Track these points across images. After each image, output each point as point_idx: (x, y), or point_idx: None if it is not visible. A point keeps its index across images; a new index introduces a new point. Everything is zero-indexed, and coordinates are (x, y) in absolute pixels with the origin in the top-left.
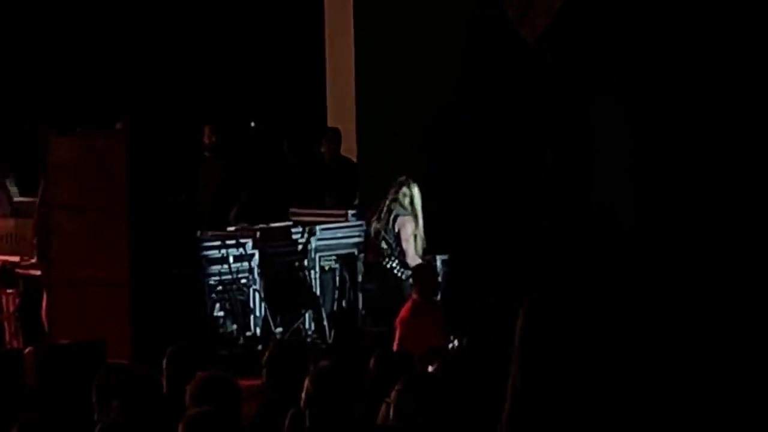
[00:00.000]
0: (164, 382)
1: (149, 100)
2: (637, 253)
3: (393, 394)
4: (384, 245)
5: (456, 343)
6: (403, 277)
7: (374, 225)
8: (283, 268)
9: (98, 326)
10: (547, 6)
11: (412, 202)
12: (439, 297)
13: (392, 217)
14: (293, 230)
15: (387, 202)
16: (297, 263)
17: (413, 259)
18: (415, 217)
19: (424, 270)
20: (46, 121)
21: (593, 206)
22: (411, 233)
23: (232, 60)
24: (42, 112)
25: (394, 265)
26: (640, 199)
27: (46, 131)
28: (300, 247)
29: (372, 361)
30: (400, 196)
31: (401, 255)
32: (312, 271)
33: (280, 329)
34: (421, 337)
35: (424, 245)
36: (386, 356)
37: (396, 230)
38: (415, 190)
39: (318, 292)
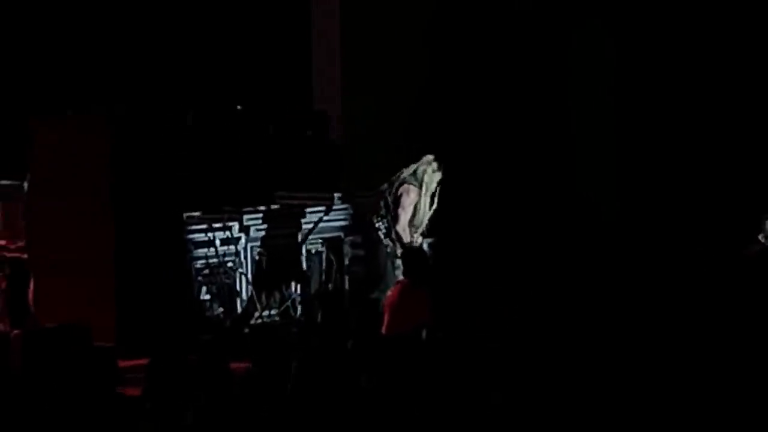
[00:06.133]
0: None
1: (134, 84)
2: (619, 244)
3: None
4: (382, 205)
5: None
6: (384, 242)
7: (383, 186)
8: (274, 250)
9: (84, 309)
10: None
11: (431, 182)
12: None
13: (399, 182)
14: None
15: (405, 171)
16: (288, 245)
17: (403, 229)
18: (427, 195)
19: (415, 253)
20: (30, 104)
21: (575, 196)
22: (412, 203)
23: (218, 43)
24: (26, 96)
25: (381, 225)
26: (623, 189)
27: (32, 115)
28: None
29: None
30: (422, 169)
31: (394, 220)
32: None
33: (267, 312)
34: (410, 320)
35: (423, 228)
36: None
37: (398, 194)
38: (437, 176)
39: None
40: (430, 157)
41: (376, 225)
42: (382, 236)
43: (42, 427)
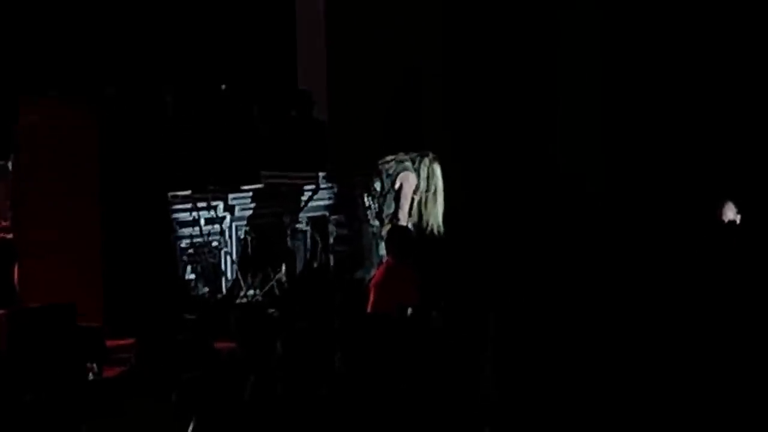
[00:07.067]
0: None
1: (119, 64)
2: (606, 220)
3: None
4: (377, 186)
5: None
6: (371, 222)
7: (381, 166)
8: (259, 229)
9: (70, 289)
10: None
11: (428, 172)
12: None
13: (399, 168)
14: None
15: (404, 155)
16: (273, 224)
17: (405, 218)
18: (426, 186)
19: (399, 231)
20: (16, 85)
21: (559, 171)
22: (411, 190)
23: (203, 22)
24: (11, 76)
25: (373, 204)
26: (609, 163)
27: (18, 95)
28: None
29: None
30: (420, 162)
31: (396, 209)
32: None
33: (252, 291)
34: (395, 299)
35: (438, 228)
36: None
37: (399, 183)
38: (438, 170)
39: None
40: (435, 163)
41: (366, 204)
42: (371, 216)
43: (28, 407)
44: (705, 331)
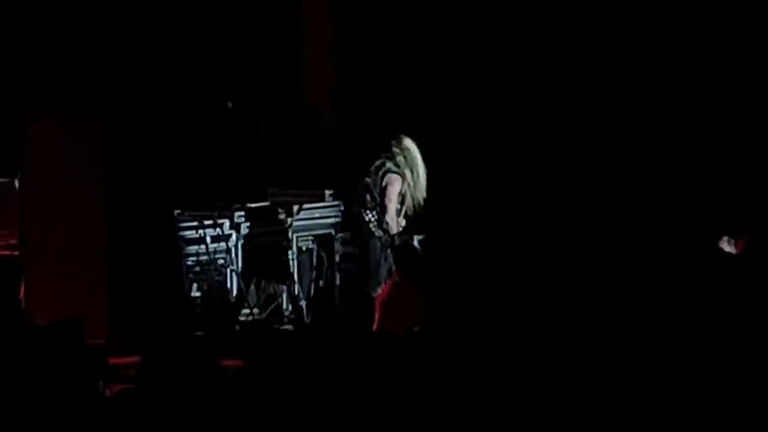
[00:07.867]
0: None
1: (124, 80)
2: (616, 234)
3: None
4: (369, 198)
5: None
6: (376, 233)
7: (366, 179)
8: (262, 248)
9: (76, 306)
10: None
11: (406, 158)
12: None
13: (382, 172)
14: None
15: (381, 158)
16: (276, 243)
17: (392, 219)
18: (411, 174)
19: (406, 250)
20: (22, 99)
21: (568, 181)
22: (398, 192)
23: (209, 38)
24: (17, 91)
25: (372, 217)
26: (618, 176)
27: (24, 110)
28: (284, 226)
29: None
30: (396, 151)
31: (382, 211)
32: (290, 251)
33: (258, 309)
34: (402, 317)
35: (418, 204)
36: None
37: (383, 185)
38: (412, 146)
39: (295, 273)
40: (406, 142)
41: (366, 218)
42: (373, 228)
43: (32, 424)
44: (710, 338)
